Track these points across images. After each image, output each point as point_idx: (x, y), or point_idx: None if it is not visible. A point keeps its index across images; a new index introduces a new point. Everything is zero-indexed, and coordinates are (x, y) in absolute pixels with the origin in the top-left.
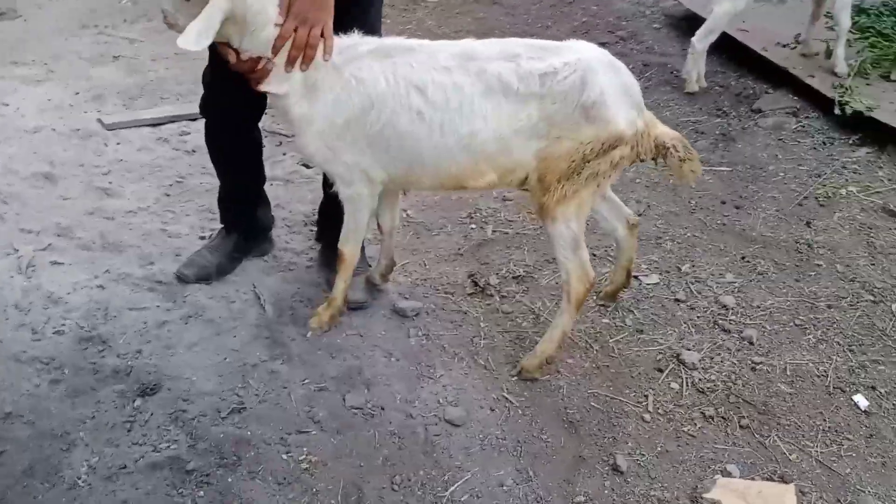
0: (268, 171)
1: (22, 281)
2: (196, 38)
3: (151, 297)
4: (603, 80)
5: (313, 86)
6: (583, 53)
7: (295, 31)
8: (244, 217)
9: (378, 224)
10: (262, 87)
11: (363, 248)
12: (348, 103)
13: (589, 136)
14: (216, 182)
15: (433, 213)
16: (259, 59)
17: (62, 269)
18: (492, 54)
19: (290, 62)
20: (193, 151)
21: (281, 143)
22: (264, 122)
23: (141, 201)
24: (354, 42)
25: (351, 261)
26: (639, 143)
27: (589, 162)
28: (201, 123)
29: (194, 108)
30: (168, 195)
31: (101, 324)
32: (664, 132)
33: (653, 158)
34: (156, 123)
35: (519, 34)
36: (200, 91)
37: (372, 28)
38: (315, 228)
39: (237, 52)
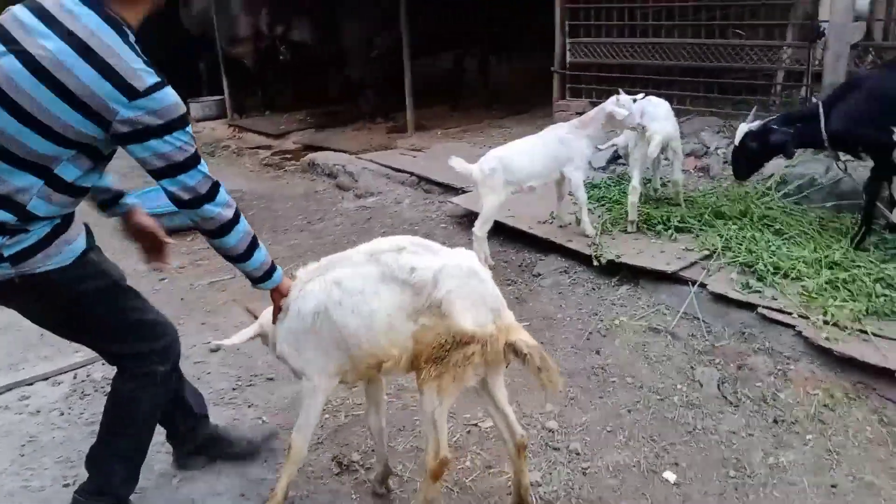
0: None
1: None
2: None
3: None
4: (453, 283)
5: (286, 309)
6: (449, 259)
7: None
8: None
9: (368, 426)
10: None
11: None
12: (301, 313)
13: (441, 328)
14: (70, 433)
15: (287, 413)
16: None
17: None
18: (386, 247)
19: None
20: (38, 412)
21: None
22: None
23: None
24: (315, 265)
25: (298, 453)
26: (489, 344)
27: (447, 351)
28: (39, 386)
29: (29, 374)
30: (22, 455)
31: None
32: (522, 340)
33: (522, 362)
34: None
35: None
36: (30, 356)
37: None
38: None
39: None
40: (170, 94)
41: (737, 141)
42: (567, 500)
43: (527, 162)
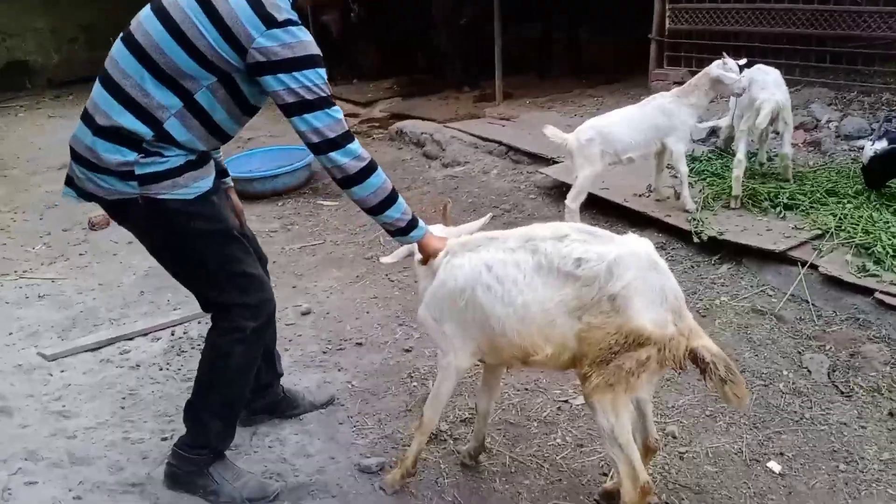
0: None
1: None
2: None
3: (128, 498)
4: (631, 276)
5: (433, 270)
6: (622, 247)
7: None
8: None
9: (476, 405)
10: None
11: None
12: (444, 287)
13: (614, 327)
14: (167, 389)
15: (375, 378)
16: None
17: (37, 487)
18: (546, 234)
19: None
20: (138, 366)
21: None
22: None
23: (98, 417)
24: (463, 240)
25: (428, 425)
26: (668, 347)
27: (616, 354)
28: (139, 341)
29: (129, 329)
30: (123, 408)
31: None
32: (705, 346)
33: (702, 371)
34: (95, 348)
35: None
36: (130, 312)
37: None
38: None
39: None
40: (305, 33)
41: (864, 161)
42: (663, 485)
43: (626, 132)
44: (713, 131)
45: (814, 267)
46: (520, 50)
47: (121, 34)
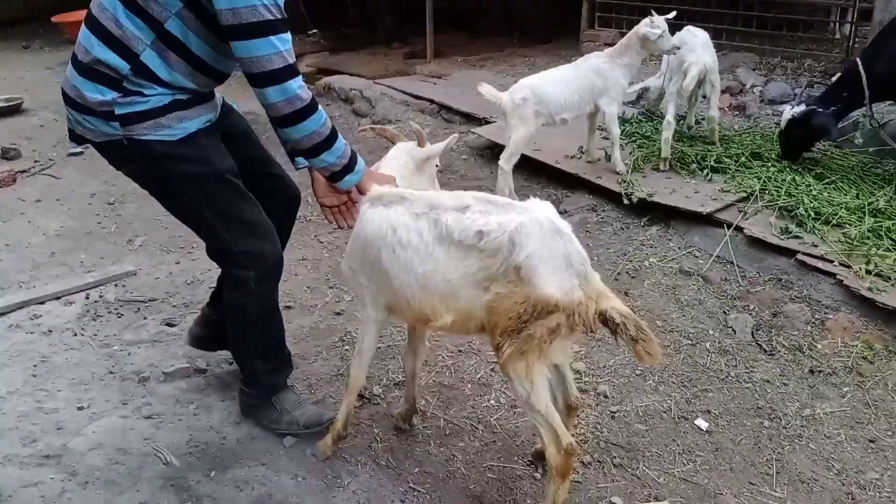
0: (132, 336)
1: None
2: None
3: (43, 471)
4: (533, 244)
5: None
6: (523, 215)
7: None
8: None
9: (404, 366)
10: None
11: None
12: (359, 238)
13: (521, 297)
14: (83, 356)
15: (307, 343)
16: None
17: None
18: (449, 204)
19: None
20: (50, 332)
21: (139, 309)
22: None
23: (8, 386)
24: (380, 191)
25: (355, 383)
26: (577, 312)
27: (525, 322)
28: (51, 305)
29: (40, 292)
30: (35, 376)
31: None
32: (615, 307)
33: (612, 332)
34: (3, 312)
35: None
36: (41, 275)
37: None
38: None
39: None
40: None
41: (783, 125)
42: (595, 444)
43: (560, 92)
44: (642, 93)
45: (739, 229)
46: (452, 7)
47: None
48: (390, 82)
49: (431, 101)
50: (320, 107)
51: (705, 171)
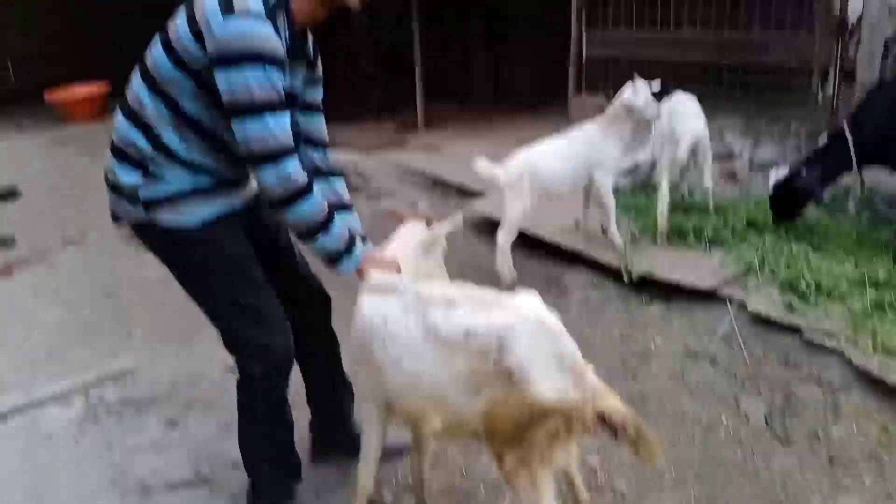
0: (134, 440)
1: None
2: None
3: None
4: (523, 346)
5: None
6: (511, 314)
7: None
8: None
9: (410, 468)
10: None
11: None
12: (355, 328)
13: (515, 402)
14: (84, 465)
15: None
16: None
17: None
18: (437, 299)
19: None
20: (49, 437)
21: (140, 408)
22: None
23: (9, 499)
24: (379, 280)
25: (362, 493)
26: (575, 414)
27: (524, 429)
28: (50, 408)
29: (38, 394)
30: (34, 488)
31: None
32: (612, 408)
33: (613, 433)
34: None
35: None
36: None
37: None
38: None
39: None
40: (260, 25)
41: (771, 189)
42: None
43: (556, 166)
44: (635, 167)
45: (742, 305)
46: (440, 74)
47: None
48: (384, 155)
49: (425, 174)
50: (316, 189)
51: (703, 244)
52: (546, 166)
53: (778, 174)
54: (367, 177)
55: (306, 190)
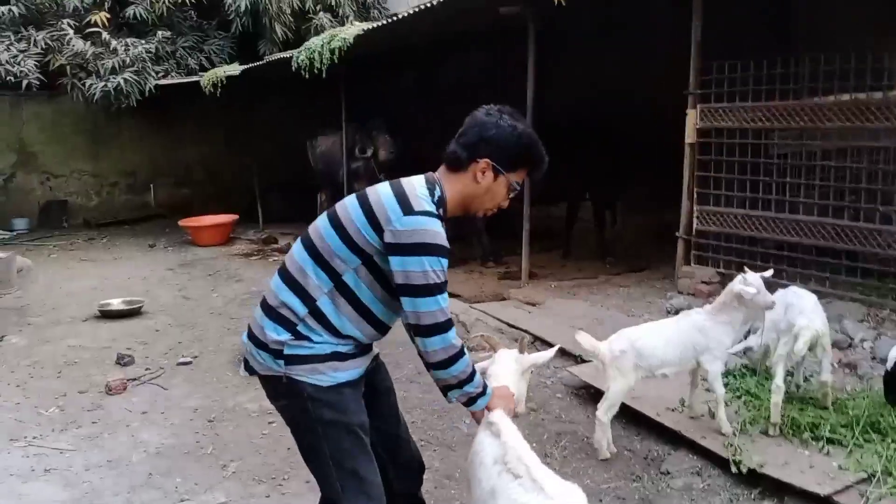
0: None
1: None
2: None
3: None
4: None
5: None
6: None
7: None
8: None
9: None
10: None
11: None
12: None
13: None
14: None
15: None
16: None
17: None
18: (512, 463)
19: None
20: None
21: None
22: None
23: None
24: (490, 417)
25: None
26: None
27: None
28: None
29: None
30: None
31: None
32: None
33: None
34: None
35: (436, 414)
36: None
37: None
38: None
39: None
40: (435, 223)
41: (889, 366)
42: None
43: (661, 347)
44: (745, 352)
45: None
46: (544, 226)
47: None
48: (485, 307)
49: (526, 332)
50: (466, 349)
51: (820, 443)
52: (650, 346)
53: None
54: (468, 327)
55: (462, 352)
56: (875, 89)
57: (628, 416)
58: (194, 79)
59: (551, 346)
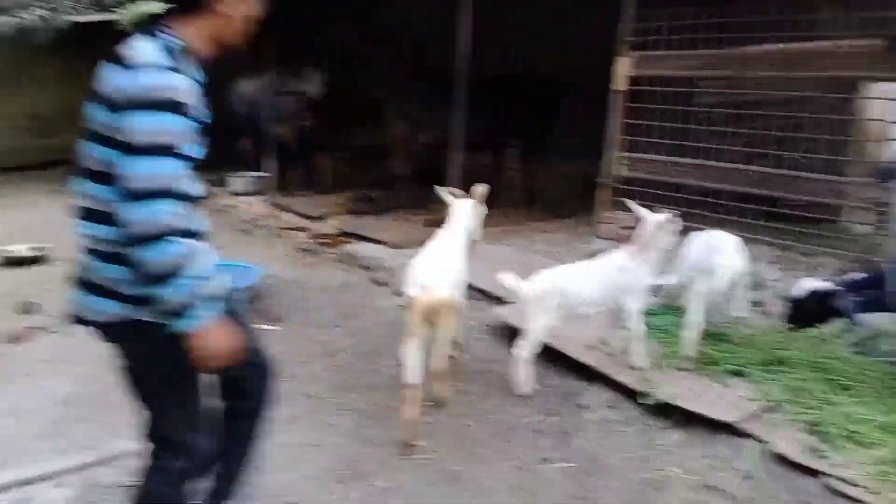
0: None
1: None
2: None
3: None
4: None
5: None
6: None
7: None
8: None
9: None
10: None
11: None
12: None
13: None
14: None
15: None
16: None
17: None
18: None
19: None
20: None
21: None
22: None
23: None
24: None
25: None
26: None
27: None
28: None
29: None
30: None
31: None
32: None
33: None
34: None
35: (364, 352)
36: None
37: None
38: None
39: None
40: (159, 75)
41: (799, 293)
42: None
43: (583, 287)
44: (659, 289)
45: (764, 443)
46: (469, 175)
47: None
48: (410, 252)
49: None
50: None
51: (729, 376)
52: (573, 286)
53: (817, 284)
54: (393, 272)
55: (169, 232)
56: (806, 40)
57: (548, 354)
58: (113, 16)
59: (475, 290)
